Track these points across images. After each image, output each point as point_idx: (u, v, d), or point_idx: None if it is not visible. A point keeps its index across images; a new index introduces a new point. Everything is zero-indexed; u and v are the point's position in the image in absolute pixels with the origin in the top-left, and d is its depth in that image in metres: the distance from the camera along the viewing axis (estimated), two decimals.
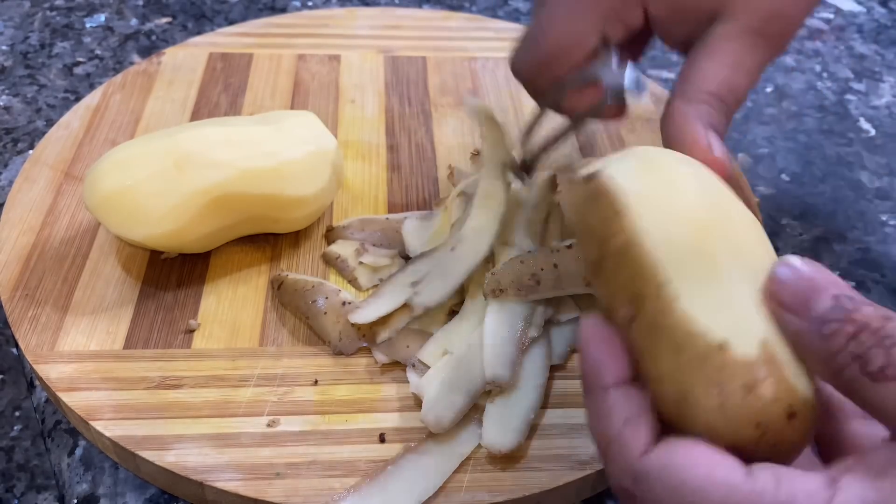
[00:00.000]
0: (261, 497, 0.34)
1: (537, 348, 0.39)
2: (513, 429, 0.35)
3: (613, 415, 0.26)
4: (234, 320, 0.41)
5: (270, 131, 0.42)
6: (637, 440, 0.25)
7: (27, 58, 0.64)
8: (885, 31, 0.73)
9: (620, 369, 0.27)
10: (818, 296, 0.24)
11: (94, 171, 0.40)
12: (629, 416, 0.26)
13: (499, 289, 0.39)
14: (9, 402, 0.41)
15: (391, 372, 0.39)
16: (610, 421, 0.26)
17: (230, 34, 0.62)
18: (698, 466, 0.24)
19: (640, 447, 0.25)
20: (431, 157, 0.52)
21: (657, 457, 0.25)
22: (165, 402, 0.37)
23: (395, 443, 0.36)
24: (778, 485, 0.23)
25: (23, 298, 0.41)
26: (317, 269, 0.44)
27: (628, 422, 0.26)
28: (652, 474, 0.24)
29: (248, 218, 0.42)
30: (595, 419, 0.27)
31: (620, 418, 0.26)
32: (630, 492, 0.25)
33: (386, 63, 0.60)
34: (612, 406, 0.26)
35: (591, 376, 0.27)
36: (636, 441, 0.25)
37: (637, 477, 0.25)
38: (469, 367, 0.37)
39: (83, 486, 0.37)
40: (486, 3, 0.75)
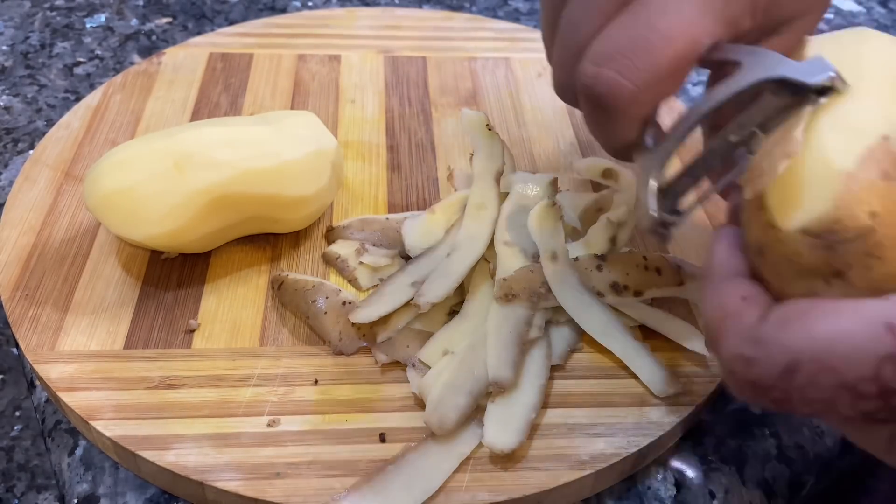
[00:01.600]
0: (261, 497, 0.34)
1: (537, 349, 0.39)
2: (514, 429, 0.35)
3: (732, 294, 0.26)
4: (235, 320, 0.41)
5: (270, 131, 0.42)
6: (755, 310, 0.25)
7: (27, 58, 0.64)
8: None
9: (744, 265, 0.27)
10: None
11: (94, 171, 0.40)
12: (746, 294, 0.26)
13: (511, 294, 0.39)
14: (9, 402, 0.41)
15: (391, 372, 0.39)
16: (728, 299, 0.26)
17: (230, 34, 0.62)
18: (821, 306, 0.24)
19: (758, 315, 0.25)
20: (431, 157, 0.52)
21: (775, 315, 0.24)
22: (165, 402, 0.37)
23: (395, 443, 0.36)
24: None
25: (23, 298, 0.41)
26: (317, 269, 0.44)
27: (746, 298, 0.26)
28: (773, 330, 0.24)
29: (249, 218, 0.42)
30: (711, 301, 0.27)
31: (738, 296, 0.26)
32: (748, 358, 0.24)
33: (386, 63, 0.60)
34: (732, 287, 0.26)
35: (716, 266, 0.27)
36: (754, 311, 0.25)
37: (756, 339, 0.24)
38: (472, 368, 0.37)
39: (83, 485, 0.37)
40: (486, 3, 0.75)
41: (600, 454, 0.36)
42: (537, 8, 0.74)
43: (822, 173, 0.24)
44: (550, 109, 0.57)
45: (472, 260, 0.41)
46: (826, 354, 0.23)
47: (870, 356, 0.22)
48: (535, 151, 0.53)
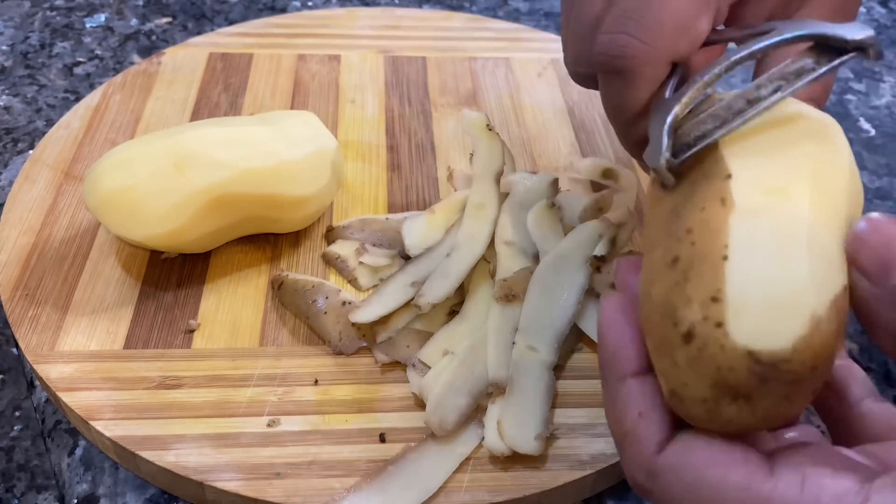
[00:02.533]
0: (261, 497, 0.34)
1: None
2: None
3: (629, 407, 0.25)
4: (235, 320, 0.41)
5: (270, 131, 0.42)
6: (651, 435, 0.25)
7: (27, 58, 0.64)
8: (885, 31, 0.73)
9: (638, 357, 0.26)
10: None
11: (94, 171, 0.40)
12: (644, 409, 0.25)
13: (511, 294, 0.39)
14: (9, 402, 0.41)
15: (391, 372, 0.39)
16: (625, 413, 0.25)
17: (230, 34, 0.62)
18: (716, 466, 0.23)
19: (655, 443, 0.24)
20: (431, 157, 0.52)
21: (673, 454, 0.24)
22: (165, 402, 0.37)
23: (395, 443, 0.36)
24: (802, 485, 0.22)
25: (23, 298, 0.41)
26: (317, 269, 0.44)
27: (643, 415, 0.25)
28: (667, 473, 0.24)
29: (248, 218, 0.42)
30: (611, 409, 0.26)
31: (635, 411, 0.25)
32: (645, 487, 0.25)
33: (386, 63, 0.60)
34: (628, 397, 0.25)
35: (609, 365, 0.26)
36: (650, 436, 0.25)
37: (651, 473, 0.24)
38: (472, 369, 0.37)
39: (83, 486, 0.37)
40: (486, 3, 0.75)
41: (600, 454, 0.36)
42: (537, 8, 0.74)
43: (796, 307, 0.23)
44: (550, 109, 0.57)
45: (472, 260, 0.41)
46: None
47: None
48: (535, 151, 0.53)
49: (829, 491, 0.21)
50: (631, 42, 0.30)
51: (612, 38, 0.31)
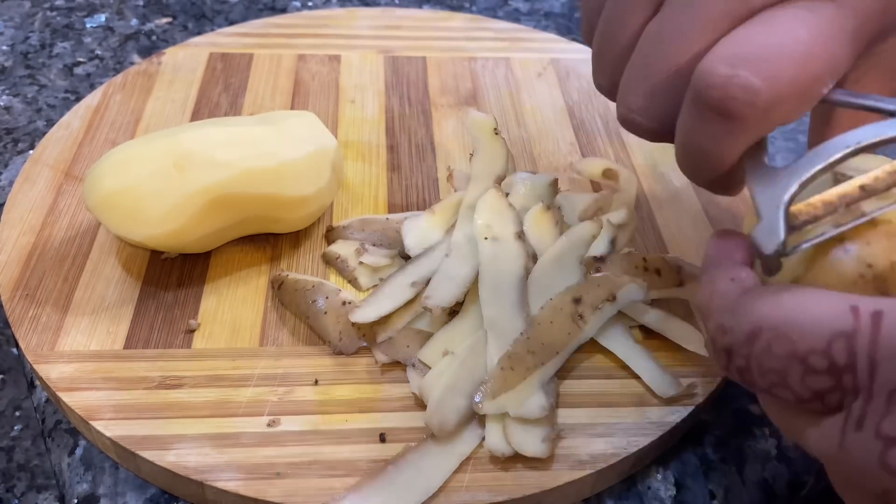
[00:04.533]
0: (261, 497, 0.34)
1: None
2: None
3: (723, 276, 0.27)
4: (235, 320, 0.41)
5: (270, 131, 0.42)
6: (739, 289, 0.26)
7: (27, 58, 0.64)
8: None
9: (742, 252, 0.28)
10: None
11: (94, 171, 0.40)
12: (735, 276, 0.27)
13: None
14: (9, 402, 0.41)
15: (391, 372, 0.39)
16: (719, 280, 0.27)
17: (230, 34, 0.62)
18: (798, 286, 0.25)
19: (741, 290, 0.26)
20: (431, 157, 0.52)
21: (755, 291, 0.26)
22: (165, 402, 0.37)
23: (395, 443, 0.36)
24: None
25: (23, 298, 0.41)
26: (317, 269, 0.44)
27: (735, 279, 0.27)
28: (749, 300, 0.25)
29: (249, 218, 0.42)
30: (704, 284, 0.28)
31: (727, 277, 0.27)
32: (725, 326, 0.25)
33: (386, 63, 0.60)
34: (724, 270, 0.27)
35: (713, 257, 0.28)
36: (739, 289, 0.26)
37: (734, 309, 0.25)
38: (472, 370, 0.37)
39: (83, 485, 0.37)
40: (486, 3, 0.75)
41: (600, 454, 0.36)
42: (537, 8, 0.74)
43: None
44: (550, 109, 0.57)
45: (475, 263, 0.41)
46: (784, 323, 0.23)
47: (824, 330, 0.22)
48: (535, 151, 0.53)
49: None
50: (757, 87, 0.26)
51: (734, 74, 0.26)
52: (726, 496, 0.37)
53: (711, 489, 0.38)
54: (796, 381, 0.23)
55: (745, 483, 0.38)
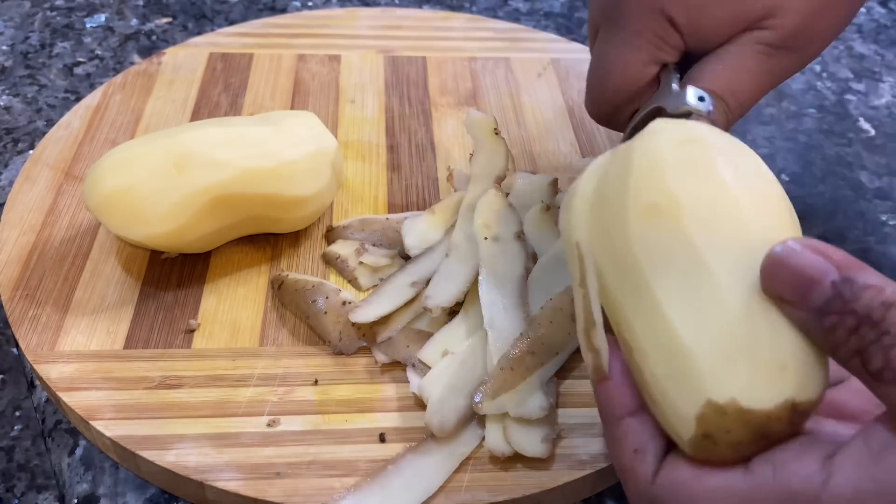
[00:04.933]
0: (261, 497, 0.34)
1: None
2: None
3: (624, 446, 0.28)
4: (235, 320, 0.41)
5: (271, 131, 0.42)
6: (645, 469, 0.27)
7: (27, 58, 0.64)
8: (884, 31, 0.73)
9: (629, 398, 0.28)
10: (815, 286, 0.23)
11: (94, 171, 0.40)
12: (638, 446, 0.27)
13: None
14: (9, 402, 0.41)
15: (391, 372, 0.39)
16: (622, 452, 0.28)
17: (230, 34, 0.62)
18: (699, 477, 0.25)
19: (649, 474, 0.27)
20: (431, 157, 0.52)
21: (664, 479, 0.26)
22: (165, 402, 0.37)
23: (395, 443, 0.36)
24: (774, 473, 0.24)
25: (23, 298, 0.41)
26: (317, 269, 0.44)
27: (637, 452, 0.27)
28: (663, 497, 0.26)
29: (249, 218, 0.42)
30: (611, 448, 0.29)
31: (630, 449, 0.27)
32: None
33: (386, 63, 0.60)
34: (623, 437, 0.28)
35: (606, 406, 0.28)
36: (645, 469, 0.27)
37: (651, 501, 0.27)
38: (472, 370, 0.37)
39: (83, 485, 0.37)
40: (486, 3, 0.75)
41: (600, 454, 0.36)
42: (537, 8, 0.74)
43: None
44: (550, 109, 0.57)
45: (475, 263, 0.41)
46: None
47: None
48: (535, 151, 0.53)
49: (798, 474, 0.23)
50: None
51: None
52: None
53: None
54: None
55: None
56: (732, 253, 0.25)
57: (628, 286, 0.27)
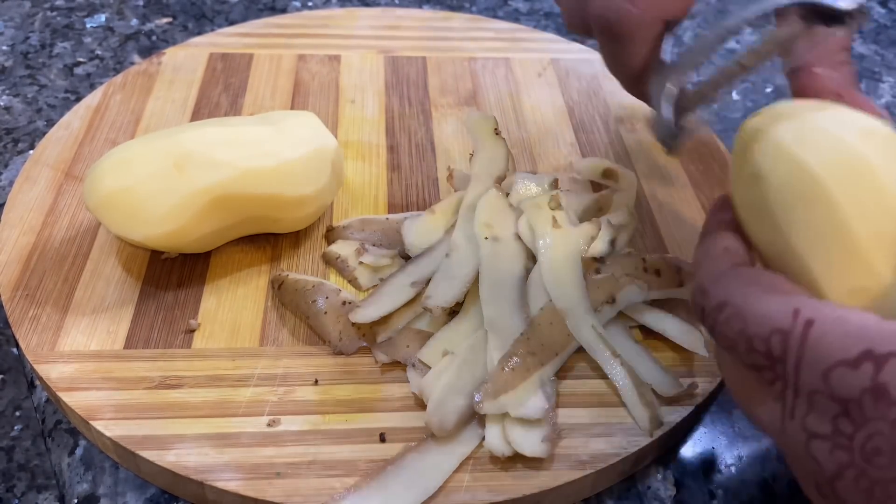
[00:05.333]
0: (261, 497, 0.34)
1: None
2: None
3: (717, 243, 0.31)
4: (235, 320, 0.41)
5: (271, 131, 0.42)
6: (729, 259, 0.30)
7: (28, 58, 0.64)
8: (884, 31, 0.73)
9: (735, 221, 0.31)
10: None
11: (94, 171, 0.40)
12: (730, 246, 0.30)
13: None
14: (9, 402, 0.41)
15: (391, 372, 0.39)
16: (713, 247, 0.31)
17: (230, 34, 0.62)
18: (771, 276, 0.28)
19: (730, 263, 0.30)
20: (431, 157, 0.52)
21: (740, 270, 0.29)
22: (166, 402, 0.37)
23: (395, 442, 0.36)
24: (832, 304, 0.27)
25: (23, 298, 0.41)
26: (317, 269, 0.44)
27: (727, 249, 0.30)
28: (730, 275, 0.29)
29: (249, 218, 0.42)
30: (700, 250, 0.31)
31: (722, 246, 0.30)
32: (705, 289, 0.29)
33: (386, 63, 0.60)
34: (720, 238, 0.31)
35: (710, 219, 0.31)
36: (728, 260, 0.30)
37: (717, 279, 0.29)
38: (472, 370, 0.37)
39: (83, 485, 0.37)
40: (486, 3, 0.75)
41: (600, 454, 0.36)
42: (537, 8, 0.74)
43: None
44: (550, 109, 0.57)
45: (475, 263, 0.41)
46: (743, 306, 0.28)
47: (768, 322, 0.26)
48: (535, 151, 0.53)
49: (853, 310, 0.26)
50: (623, 7, 0.34)
51: (606, 3, 0.34)
52: (726, 496, 0.37)
53: (711, 489, 0.38)
54: (743, 351, 0.28)
55: (745, 483, 0.38)
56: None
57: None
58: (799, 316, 0.26)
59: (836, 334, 0.25)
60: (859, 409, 0.24)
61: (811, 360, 0.25)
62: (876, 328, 0.24)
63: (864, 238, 0.27)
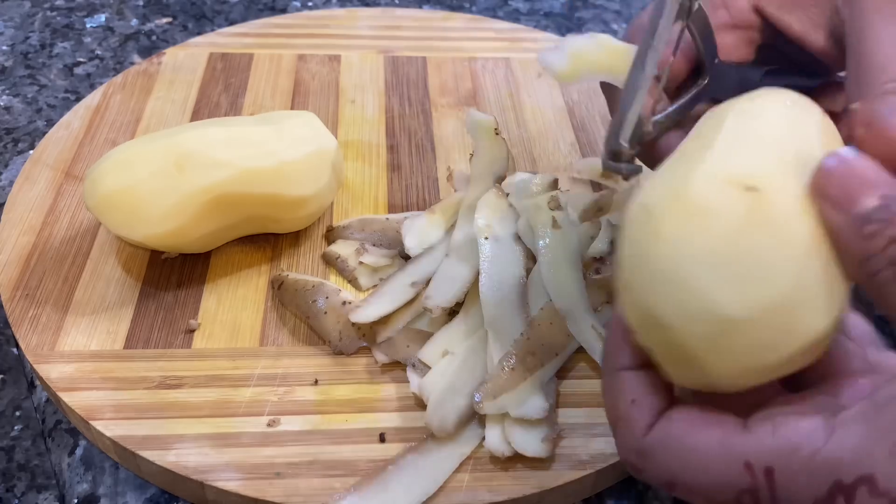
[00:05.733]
0: (261, 497, 0.34)
1: None
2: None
3: (622, 395, 0.27)
4: (235, 320, 0.41)
5: (271, 131, 0.42)
6: (641, 419, 0.26)
7: (28, 58, 0.64)
8: None
9: (632, 353, 0.27)
10: (865, 192, 0.23)
11: (94, 171, 0.40)
12: (636, 396, 0.27)
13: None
14: (9, 402, 0.41)
15: (391, 372, 0.39)
16: (619, 401, 0.27)
17: (230, 34, 0.62)
18: (694, 430, 0.25)
19: (644, 426, 0.26)
20: (431, 157, 0.52)
21: (658, 431, 0.26)
22: (166, 402, 0.37)
23: (395, 443, 0.36)
24: (775, 431, 0.24)
25: (23, 298, 0.41)
26: (317, 269, 0.44)
27: (635, 402, 0.27)
28: (655, 449, 0.26)
29: (249, 218, 0.42)
30: (607, 399, 0.28)
31: (628, 399, 0.27)
32: (637, 467, 0.26)
33: (386, 63, 0.60)
34: (622, 387, 0.27)
35: (608, 358, 0.28)
36: (640, 420, 0.26)
37: (641, 453, 0.26)
38: (472, 370, 0.37)
39: (83, 485, 0.37)
40: (486, 3, 0.75)
41: (600, 454, 0.36)
42: (537, 8, 0.74)
43: None
44: (550, 109, 0.57)
45: (475, 263, 0.41)
46: (694, 482, 0.25)
47: (731, 489, 0.24)
48: (535, 151, 0.53)
49: (799, 431, 0.23)
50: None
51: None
52: None
53: None
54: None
55: None
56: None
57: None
58: (754, 469, 0.24)
59: (801, 474, 0.23)
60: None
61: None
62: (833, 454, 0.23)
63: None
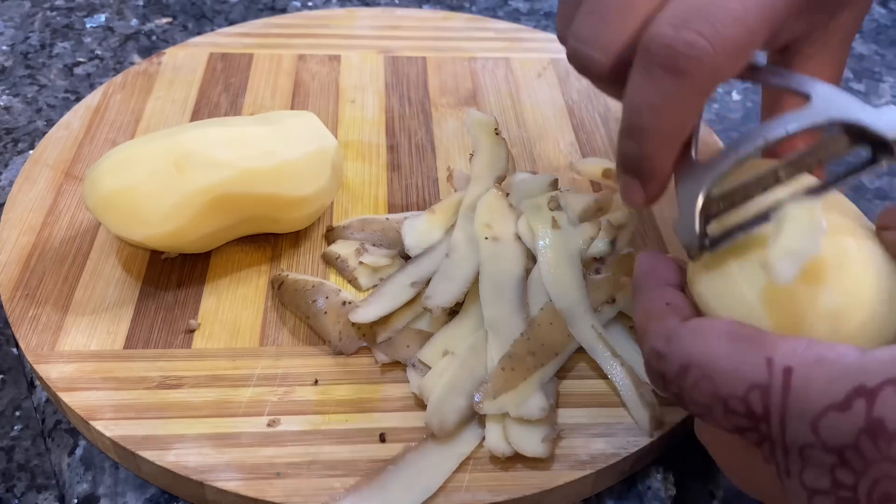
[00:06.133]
0: (261, 497, 0.34)
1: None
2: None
3: (658, 299, 0.29)
4: (235, 320, 0.41)
5: (271, 131, 0.42)
6: (676, 313, 0.28)
7: (27, 58, 0.64)
8: (884, 31, 0.73)
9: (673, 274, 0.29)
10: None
11: (94, 171, 0.40)
12: (671, 300, 0.28)
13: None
14: (9, 402, 0.41)
15: (391, 372, 0.39)
16: (654, 304, 0.29)
17: (230, 34, 0.62)
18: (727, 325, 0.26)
19: (678, 318, 0.28)
20: (431, 157, 0.52)
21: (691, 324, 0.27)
22: (166, 402, 0.37)
23: (395, 443, 0.36)
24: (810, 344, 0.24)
25: (23, 298, 0.41)
26: (317, 269, 0.44)
27: (670, 304, 0.28)
28: (683, 334, 0.27)
29: (249, 218, 0.42)
30: (641, 305, 0.29)
31: (663, 301, 0.28)
32: (661, 353, 0.27)
33: (386, 63, 0.60)
34: (659, 293, 0.29)
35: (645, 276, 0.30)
36: (675, 314, 0.28)
37: (669, 337, 0.27)
38: (472, 370, 0.37)
39: (83, 485, 0.37)
40: (486, 3, 0.75)
41: (600, 454, 0.36)
42: (537, 8, 0.74)
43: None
44: (550, 109, 0.57)
45: (475, 263, 0.41)
46: (709, 366, 0.25)
47: (742, 380, 0.24)
48: (535, 151, 0.53)
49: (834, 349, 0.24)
50: (702, 44, 0.27)
51: (678, 34, 0.27)
52: (726, 496, 0.37)
53: (711, 489, 0.38)
54: (720, 416, 0.26)
55: None
56: None
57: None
58: (773, 365, 0.24)
59: (820, 378, 0.23)
60: (857, 455, 0.22)
61: (797, 413, 0.23)
62: (859, 362, 0.23)
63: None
